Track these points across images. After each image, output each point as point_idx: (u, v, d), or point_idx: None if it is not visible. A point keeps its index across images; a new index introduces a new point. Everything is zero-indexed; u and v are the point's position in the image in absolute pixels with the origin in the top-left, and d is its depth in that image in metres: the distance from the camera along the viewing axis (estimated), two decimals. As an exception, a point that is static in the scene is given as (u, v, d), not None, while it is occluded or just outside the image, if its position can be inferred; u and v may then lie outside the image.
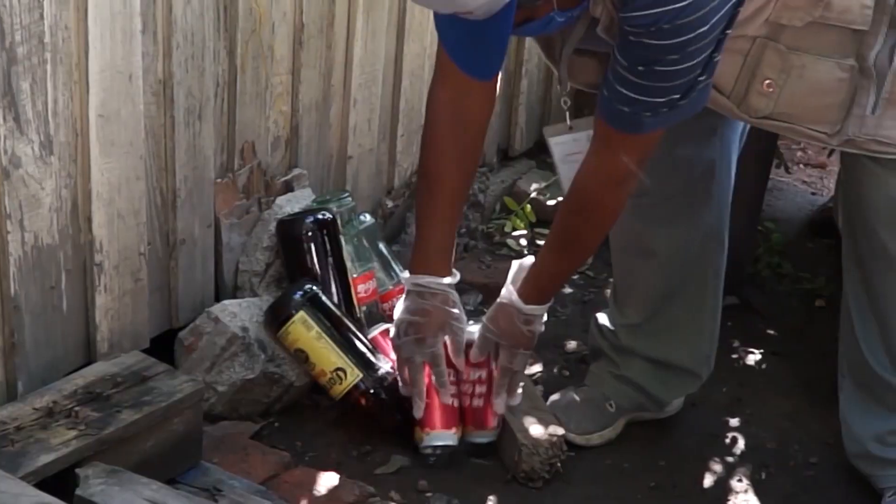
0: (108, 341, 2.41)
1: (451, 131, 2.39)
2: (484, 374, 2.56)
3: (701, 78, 2.06)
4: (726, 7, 1.97)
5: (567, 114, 2.42)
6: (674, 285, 2.61)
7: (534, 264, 2.45)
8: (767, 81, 2.17)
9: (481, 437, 2.58)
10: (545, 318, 2.50)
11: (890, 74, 2.12)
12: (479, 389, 2.56)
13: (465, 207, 2.58)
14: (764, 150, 3.16)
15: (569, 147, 2.43)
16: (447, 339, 2.49)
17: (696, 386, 2.73)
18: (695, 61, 2.01)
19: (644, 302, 2.65)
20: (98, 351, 2.40)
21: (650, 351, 2.66)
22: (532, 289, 2.44)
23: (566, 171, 2.41)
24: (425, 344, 2.47)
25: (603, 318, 2.76)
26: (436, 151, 2.42)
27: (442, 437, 2.52)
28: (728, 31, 2.02)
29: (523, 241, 3.46)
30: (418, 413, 2.49)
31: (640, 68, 2.04)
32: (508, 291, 2.46)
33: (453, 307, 2.47)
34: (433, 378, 2.50)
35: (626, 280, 2.70)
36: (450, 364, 2.53)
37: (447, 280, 2.47)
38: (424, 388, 2.48)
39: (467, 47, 2.24)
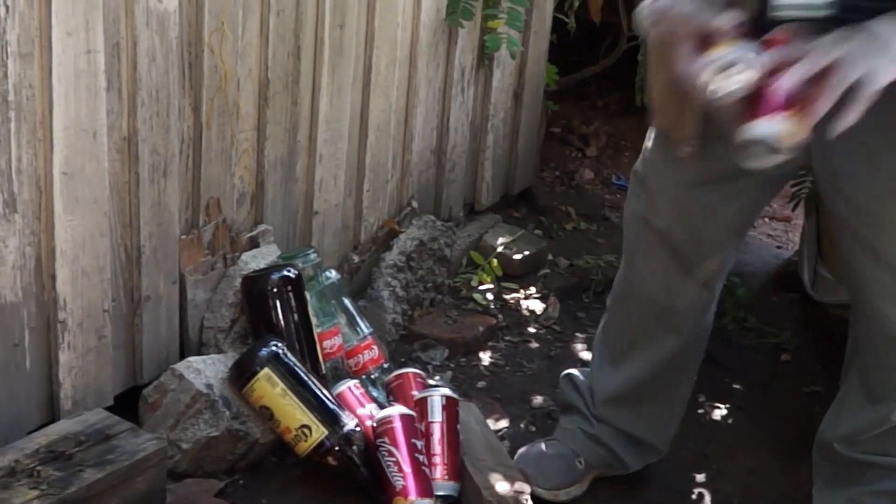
0: (71, 399, 2.40)
1: None
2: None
3: None
4: None
5: None
6: (658, 372, 2.59)
7: None
8: None
9: (444, 490, 2.57)
10: None
11: None
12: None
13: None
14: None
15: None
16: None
17: (658, 458, 2.73)
18: None
19: (626, 381, 2.62)
20: (61, 409, 2.38)
21: (619, 423, 2.65)
22: None
23: None
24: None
25: (578, 378, 2.74)
26: None
27: None
28: None
29: (490, 296, 3.46)
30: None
31: None
32: None
33: None
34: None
35: (618, 355, 2.65)
36: (412, 436, 2.54)
37: None
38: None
39: None
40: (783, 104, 1.85)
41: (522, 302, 3.49)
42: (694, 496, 2.76)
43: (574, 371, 2.77)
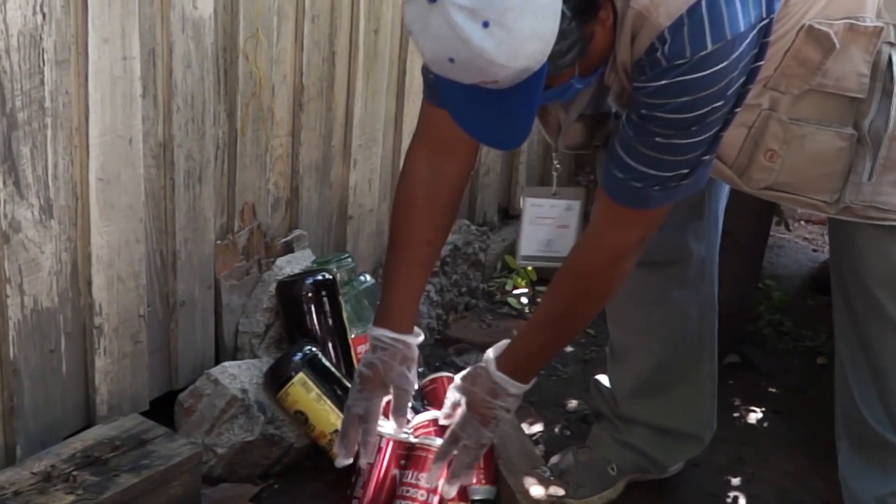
0: (107, 404, 2.42)
1: (426, 189, 2.30)
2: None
3: (706, 157, 2.03)
4: (741, 80, 1.95)
5: (555, 178, 2.39)
6: (671, 354, 2.60)
7: (518, 336, 2.34)
8: (770, 152, 2.15)
9: (479, 494, 2.57)
10: (517, 402, 2.34)
11: (885, 140, 2.12)
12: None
13: (434, 266, 2.48)
14: (763, 207, 3.17)
15: (543, 211, 2.40)
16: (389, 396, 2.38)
17: (700, 449, 2.72)
18: (708, 134, 1.98)
19: (640, 371, 2.63)
20: (97, 414, 2.40)
21: (651, 418, 2.64)
22: (510, 360, 2.30)
23: (531, 232, 2.39)
24: (364, 397, 2.35)
25: (603, 381, 2.74)
26: (407, 207, 2.33)
27: None
28: (737, 109, 2.01)
29: (524, 300, 3.46)
30: (339, 461, 2.38)
31: (657, 140, 1.97)
32: (488, 355, 2.34)
33: (402, 364, 2.34)
34: (361, 434, 2.36)
35: (623, 351, 2.67)
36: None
37: (402, 336, 2.34)
38: (352, 440, 2.35)
39: (487, 118, 1.95)
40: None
41: (557, 306, 3.48)
42: (729, 500, 2.74)
43: (600, 377, 2.77)
